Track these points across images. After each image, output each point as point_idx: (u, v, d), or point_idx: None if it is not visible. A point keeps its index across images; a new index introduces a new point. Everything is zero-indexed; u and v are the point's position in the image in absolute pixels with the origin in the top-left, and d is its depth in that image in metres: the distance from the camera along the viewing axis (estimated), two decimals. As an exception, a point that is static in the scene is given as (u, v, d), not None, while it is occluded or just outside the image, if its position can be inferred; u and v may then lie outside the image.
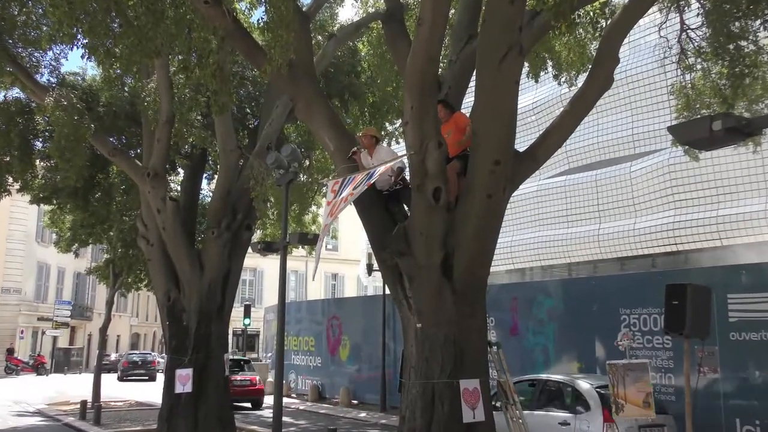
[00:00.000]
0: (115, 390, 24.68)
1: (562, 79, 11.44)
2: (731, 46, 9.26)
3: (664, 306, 6.76)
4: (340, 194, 6.32)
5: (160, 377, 22.01)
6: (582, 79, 9.69)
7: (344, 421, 15.98)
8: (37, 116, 12.92)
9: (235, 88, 11.87)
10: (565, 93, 19.86)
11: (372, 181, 6.12)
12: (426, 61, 5.83)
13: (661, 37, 10.84)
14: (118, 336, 51.15)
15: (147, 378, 32.65)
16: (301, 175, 14.91)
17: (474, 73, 6.44)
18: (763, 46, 9.41)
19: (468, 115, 6.50)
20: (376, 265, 14.86)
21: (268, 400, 18.70)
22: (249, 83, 14.21)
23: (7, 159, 13.57)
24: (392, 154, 6.82)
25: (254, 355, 33.21)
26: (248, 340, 34.38)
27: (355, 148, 6.81)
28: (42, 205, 16.86)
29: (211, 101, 7.38)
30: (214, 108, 7.47)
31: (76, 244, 18.58)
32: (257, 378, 19.68)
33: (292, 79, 7.09)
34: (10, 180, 14.28)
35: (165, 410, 11.56)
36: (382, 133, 14.47)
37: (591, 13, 9.82)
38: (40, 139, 14.12)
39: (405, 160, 6.47)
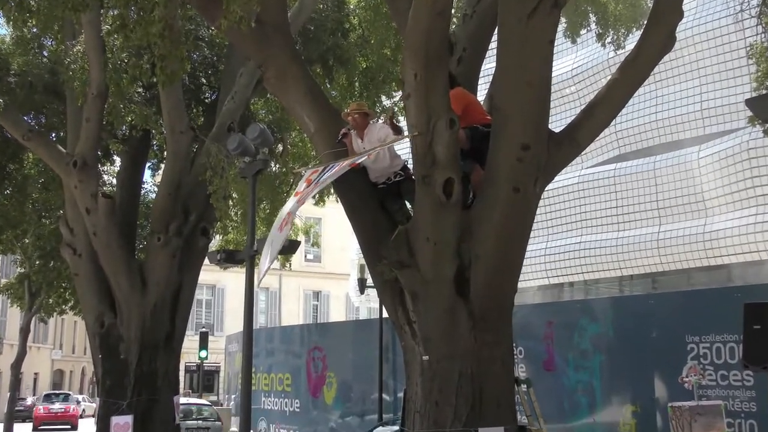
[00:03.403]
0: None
1: (608, 39, 11.46)
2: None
3: (743, 331, 6.77)
4: (315, 183, 6.34)
5: (85, 425, 21.97)
6: (634, 39, 9.71)
7: (330, 482, 15.94)
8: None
9: (188, 52, 11.83)
10: (613, 57, 19.88)
11: (359, 161, 6.14)
12: (433, 16, 5.82)
13: (737, -17, 10.88)
14: (36, 374, 50.97)
15: (69, 428, 32.80)
16: (273, 164, 14.90)
17: (496, 31, 6.44)
18: None
19: (488, 86, 6.53)
20: (370, 281, 14.83)
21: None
22: (205, 45, 14.20)
23: None
24: (389, 133, 6.83)
25: (213, 398, 33.22)
26: (205, 378, 34.38)
27: (345, 129, 6.82)
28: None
29: (157, 69, 7.36)
30: (161, 78, 7.45)
31: (-21, 256, 18.62)
32: (219, 426, 19.67)
33: (260, 40, 7.08)
34: None
35: (97, 470, 11.56)
36: (377, 109, 14.47)
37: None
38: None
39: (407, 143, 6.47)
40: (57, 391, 41.57)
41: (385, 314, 13.42)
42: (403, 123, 7.13)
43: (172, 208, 11.93)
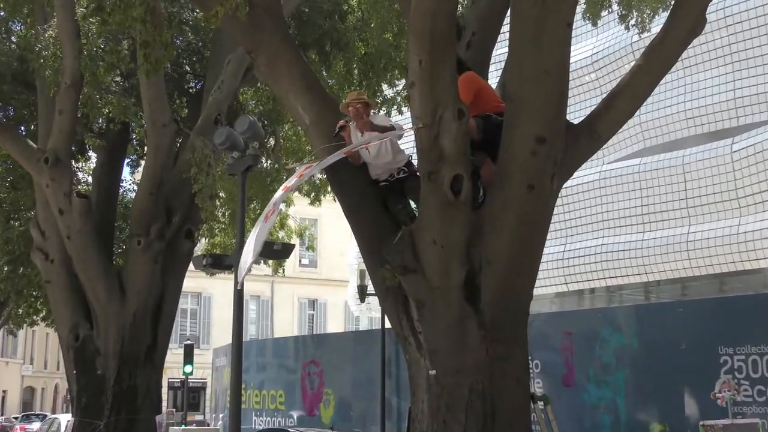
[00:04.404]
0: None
1: (632, 21, 11.44)
2: None
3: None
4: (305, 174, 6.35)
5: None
6: (661, 20, 9.70)
7: None
8: None
9: (173, 37, 11.87)
10: (637, 41, 19.85)
11: (355, 150, 6.14)
12: (439, -3, 5.86)
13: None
14: (5, 391, 51.07)
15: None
16: (264, 160, 14.91)
17: (508, 14, 6.45)
18: None
19: (500, 74, 6.53)
20: (371, 288, 14.83)
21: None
22: (189, 30, 14.22)
23: None
24: (389, 124, 6.85)
25: (199, 417, 33.17)
26: (190, 396, 34.30)
27: (343, 122, 6.82)
28: None
29: (139, 56, 7.38)
30: (144, 66, 7.49)
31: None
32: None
33: (250, 24, 7.08)
34: None
35: (72, 496, 11.58)
36: (378, 99, 14.48)
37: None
38: None
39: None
40: (36, 412, 41.64)
41: (387, 324, 13.42)
42: (407, 114, 7.15)
43: (153, 208, 11.96)
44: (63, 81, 11.33)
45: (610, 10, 11.60)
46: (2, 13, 12.90)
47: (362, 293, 23.16)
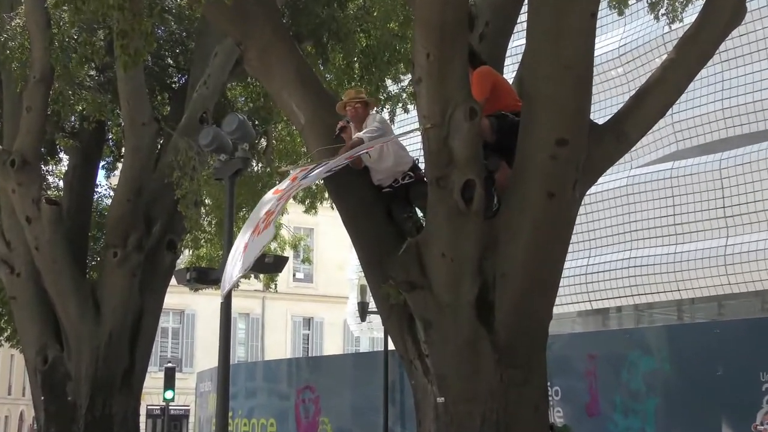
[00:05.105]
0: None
1: (663, 10, 11.47)
2: None
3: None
4: (300, 181, 6.36)
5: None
6: (696, 9, 9.72)
7: None
8: None
9: (153, 27, 11.92)
10: (669, 32, 19.87)
11: (357, 155, 6.14)
12: (449, -17, 5.89)
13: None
14: (-35, 419, 51.05)
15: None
16: (254, 163, 14.93)
17: (526, 1, 6.46)
18: None
19: (517, 69, 6.54)
20: (372, 305, 14.83)
21: None
22: (172, 18, 14.26)
23: None
24: (389, 127, 6.86)
25: (181, 449, 33.18)
26: (172, 425, 34.34)
27: (344, 122, 6.87)
28: None
29: (116, 48, 7.40)
30: (122, 59, 7.49)
31: None
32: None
33: (239, 12, 7.12)
34: None
35: None
36: (381, 96, 14.51)
37: None
38: None
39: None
40: None
41: (391, 346, 13.42)
42: (413, 113, 7.16)
43: (131, 216, 11.97)
44: (31, 75, 11.36)
45: (639, -3, 11.62)
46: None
47: (363, 311, 23.18)
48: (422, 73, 6.02)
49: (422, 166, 6.60)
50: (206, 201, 14.05)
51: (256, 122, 14.68)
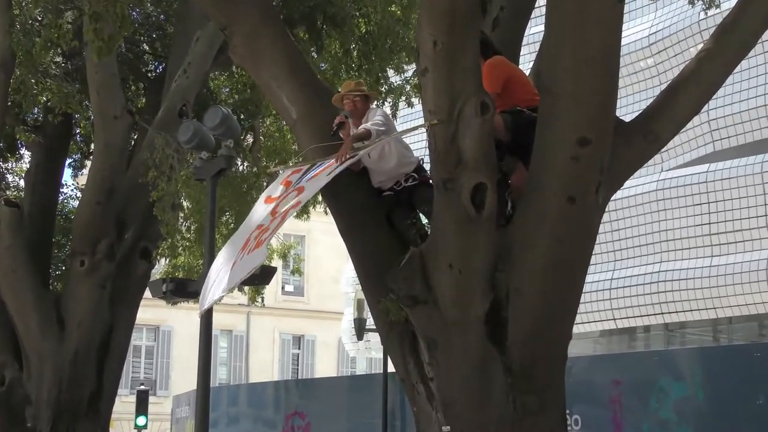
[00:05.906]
0: None
1: (698, -3, 11.54)
2: None
3: None
4: (295, 187, 6.38)
5: None
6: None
7: None
8: None
9: (128, 9, 11.97)
10: (705, 20, 19.89)
11: (351, 162, 6.17)
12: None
13: None
14: None
15: None
16: (240, 162, 14.97)
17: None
18: None
19: (534, 59, 6.58)
20: (370, 322, 14.83)
21: None
22: (148, 1, 14.30)
23: None
24: (391, 123, 6.89)
25: (153, 483, 33.16)
26: (143, 456, 34.28)
27: (342, 117, 6.84)
28: None
29: (85, 32, 7.45)
30: (95, 44, 7.54)
31: None
32: None
33: (225, -6, 7.19)
34: None
35: None
36: (381, 88, 14.54)
37: None
38: None
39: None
40: None
41: (390, 368, 13.44)
42: (418, 107, 7.19)
43: (101, 221, 11.98)
44: (-10, 62, 11.41)
45: (671, -20, 11.67)
46: None
47: (360, 329, 23.16)
48: (428, 63, 5.99)
49: (428, 167, 6.61)
50: (185, 204, 14.08)
51: (242, 116, 14.71)
